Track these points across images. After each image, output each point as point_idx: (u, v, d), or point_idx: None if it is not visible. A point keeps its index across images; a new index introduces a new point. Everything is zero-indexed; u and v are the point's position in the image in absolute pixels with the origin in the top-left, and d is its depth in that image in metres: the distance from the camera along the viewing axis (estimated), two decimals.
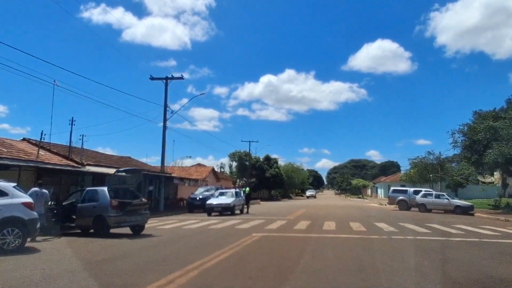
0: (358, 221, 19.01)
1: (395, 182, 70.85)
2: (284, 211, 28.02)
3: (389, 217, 22.60)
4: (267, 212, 27.15)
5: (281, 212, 26.79)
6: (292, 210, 30.06)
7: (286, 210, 29.55)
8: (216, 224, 17.19)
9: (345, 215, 23.85)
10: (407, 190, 33.30)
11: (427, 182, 43.79)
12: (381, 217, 22.48)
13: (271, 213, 26.34)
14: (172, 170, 49.50)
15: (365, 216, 23.28)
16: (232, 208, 23.76)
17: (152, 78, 29.83)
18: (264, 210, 30.06)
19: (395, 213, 27.37)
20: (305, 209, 31.44)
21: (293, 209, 30.95)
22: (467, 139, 31.26)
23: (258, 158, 77.44)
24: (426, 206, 29.89)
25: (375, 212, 29.19)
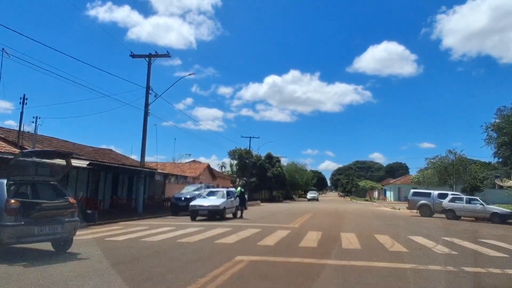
0: (385, 232, 14.32)
1: (405, 184, 66.06)
2: (287, 216, 23.37)
3: (419, 227, 17.89)
4: (266, 217, 22.49)
5: (282, 217, 22.15)
6: (296, 214, 25.39)
7: (289, 215, 24.88)
8: (192, 234, 12.51)
9: (363, 223, 19.15)
10: (430, 193, 28.51)
11: (447, 184, 38.96)
12: (410, 227, 17.79)
13: (271, 218, 21.70)
14: (164, 167, 45.00)
15: (390, 225, 18.58)
16: (222, 211, 19.10)
17: (133, 56, 25.22)
18: (262, 214, 25.40)
19: (421, 221, 22.64)
20: (311, 213, 26.73)
21: (297, 213, 26.27)
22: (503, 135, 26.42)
23: (260, 156, 72.81)
24: (455, 212, 25.12)
25: (396, 218, 24.48)
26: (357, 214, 28.30)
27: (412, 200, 28.87)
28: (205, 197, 20.56)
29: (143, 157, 24.58)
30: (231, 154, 70.90)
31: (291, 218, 21.41)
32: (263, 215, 24.51)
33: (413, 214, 29.62)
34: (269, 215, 24.03)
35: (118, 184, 26.17)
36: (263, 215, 24.00)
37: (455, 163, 39.13)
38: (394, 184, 69.72)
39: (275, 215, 24.71)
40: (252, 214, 25.12)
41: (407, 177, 69.63)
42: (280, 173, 73.21)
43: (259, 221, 18.89)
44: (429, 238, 12.91)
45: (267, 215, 24.59)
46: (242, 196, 22.81)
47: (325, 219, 20.93)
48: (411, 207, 29.04)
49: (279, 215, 24.75)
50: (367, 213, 29.67)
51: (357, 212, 30.67)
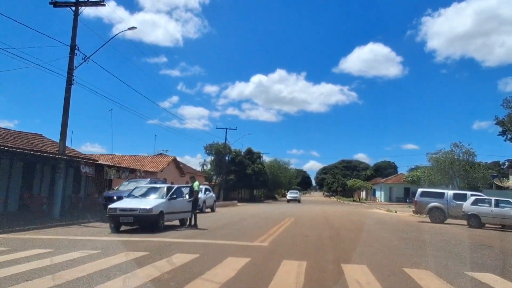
0: (418, 262, 8.08)
1: (398, 184, 60.58)
2: (258, 224, 17.03)
3: (458, 246, 11.70)
4: (229, 225, 16.13)
5: (251, 226, 15.81)
6: (272, 220, 19.06)
7: (262, 221, 18.54)
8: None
9: (369, 238, 12.82)
10: (443, 194, 22.52)
11: (451, 184, 33.18)
12: (444, 245, 11.55)
13: (234, 227, 15.34)
14: (121, 160, 38.34)
15: (410, 242, 12.29)
16: (155, 218, 12.59)
17: (55, 4, 18.52)
18: (227, 220, 19.03)
19: (443, 231, 16.59)
20: (292, 219, 20.44)
21: (274, 219, 19.96)
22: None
23: (239, 151, 66.36)
24: (480, 218, 19.20)
25: (405, 227, 18.35)
26: (351, 220, 22.13)
27: (421, 202, 22.84)
28: (136, 197, 14.03)
29: (63, 140, 17.84)
30: (207, 149, 64.15)
31: (263, 227, 15.04)
32: (228, 221, 18.12)
33: (420, 219, 23.66)
34: (235, 222, 17.64)
35: (33, 179, 19.48)
36: (227, 222, 17.61)
37: (462, 159, 33.38)
38: (385, 183, 64.13)
39: (243, 221, 18.33)
40: (214, 220, 18.75)
41: (399, 176, 64.19)
42: (261, 170, 66.94)
43: (213, 234, 12.54)
44: (496, 272, 6.80)
45: (233, 221, 18.20)
46: (196, 195, 16.18)
47: (311, 230, 14.60)
48: (420, 210, 23.02)
49: (248, 221, 18.36)
50: (363, 218, 23.55)
51: (351, 217, 24.53)
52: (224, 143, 63.95)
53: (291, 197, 57.98)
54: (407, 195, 58.72)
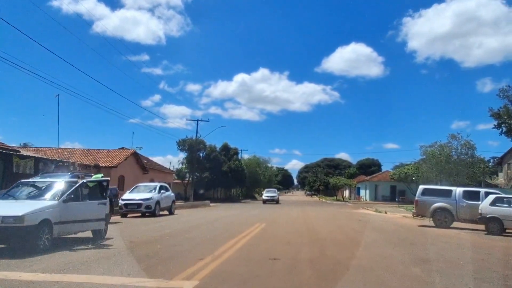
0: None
1: (384, 182, 56.73)
2: (211, 234, 12.24)
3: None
4: (169, 237, 11.37)
5: (200, 238, 11.04)
6: (236, 228, 14.33)
7: (220, 230, 13.76)
8: None
9: (373, 260, 8.13)
10: (451, 191, 18.20)
11: (449, 181, 29.06)
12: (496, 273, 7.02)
13: (175, 241, 10.52)
14: (72, 154, 33.22)
15: (434, 265, 7.66)
16: (31, 231, 7.67)
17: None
18: (175, 227, 14.28)
19: (461, 241, 12.16)
20: (264, 224, 15.85)
21: (239, 225, 15.31)
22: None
23: (214, 147, 61.40)
24: (503, 222, 14.94)
25: (414, 236, 13.79)
26: (338, 225, 17.60)
27: (423, 201, 18.46)
28: (12, 199, 9.11)
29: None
30: (180, 144, 58.83)
31: (215, 241, 10.25)
32: (174, 230, 13.34)
33: (420, 222, 19.38)
34: (181, 232, 12.75)
35: None
36: (171, 231, 12.78)
37: (460, 151, 29.34)
38: (370, 181, 60.18)
39: (194, 230, 13.45)
40: (157, 227, 13.99)
41: (385, 173, 60.37)
42: (238, 167, 62.21)
43: (124, 257, 7.84)
44: None
45: (180, 230, 13.36)
46: (102, 191, 10.80)
47: (283, 246, 9.83)
48: (421, 211, 18.68)
49: (201, 230, 13.48)
50: (353, 223, 19.07)
51: (337, 221, 20.09)
52: (198, 138, 59.13)
53: (267, 197, 47.77)
54: (394, 194, 54.94)
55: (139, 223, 15.95)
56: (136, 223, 15.86)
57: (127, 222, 16.81)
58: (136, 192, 21.65)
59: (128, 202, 20.25)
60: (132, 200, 20.36)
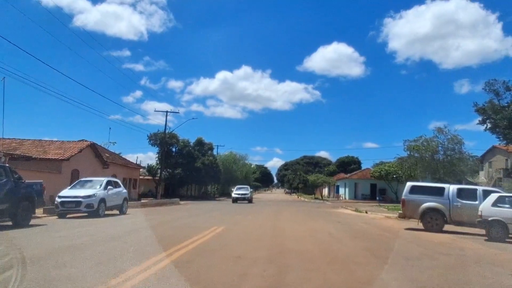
0: None
1: (364, 179, 54.55)
2: (138, 245, 9.15)
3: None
4: (75, 250, 8.24)
5: (107, 255, 7.85)
6: (181, 234, 11.19)
7: (157, 236, 10.53)
8: None
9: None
10: (443, 189, 15.62)
11: (435, 178, 26.72)
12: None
13: (69, 257, 7.38)
14: (21, 145, 29.75)
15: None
16: None
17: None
18: (107, 232, 11.32)
19: (464, 251, 9.46)
20: (222, 227, 12.89)
21: (188, 230, 12.32)
22: None
23: (187, 141, 58.24)
24: (508, 227, 12.39)
25: (405, 245, 10.91)
26: (314, 230, 14.76)
27: (410, 201, 15.83)
28: None
29: None
30: (151, 139, 55.22)
31: (113, 268, 7.17)
32: (79, 243, 9.97)
33: (406, 224, 16.78)
34: (87, 246, 9.15)
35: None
36: (69, 247, 9.37)
37: (447, 146, 27.00)
38: (349, 179, 57.89)
39: (105, 244, 9.97)
40: (71, 236, 10.85)
41: (365, 171, 58.19)
42: (212, 163, 59.10)
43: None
44: None
45: (87, 244, 9.82)
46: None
47: (224, 276, 6.64)
48: (409, 212, 16.04)
49: (114, 243, 9.91)
50: (331, 227, 16.28)
51: (312, 224, 17.32)
52: (170, 132, 55.77)
53: (238, 195, 39.86)
54: (374, 192, 52.80)
55: (58, 227, 12.75)
56: (55, 227, 12.63)
57: (51, 224, 13.56)
58: (78, 188, 18.27)
59: (66, 200, 16.86)
60: (70, 197, 17.01)
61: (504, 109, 35.72)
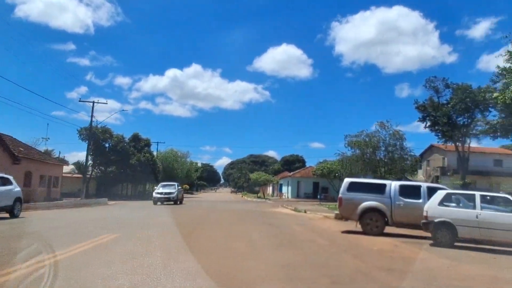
0: None
1: (306, 178, 53.28)
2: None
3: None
4: None
5: None
6: (41, 249, 8.24)
7: None
8: None
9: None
10: (384, 186, 13.73)
11: (375, 175, 25.33)
12: None
13: None
14: None
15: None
16: None
17: None
18: None
19: (409, 260, 7.30)
20: (116, 235, 10.03)
21: (66, 240, 9.36)
22: None
23: (121, 137, 53.89)
24: (457, 230, 10.59)
25: (339, 253, 8.71)
26: (234, 243, 12.29)
27: (348, 199, 13.79)
28: None
29: None
30: (81, 133, 50.27)
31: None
32: None
33: (344, 226, 14.78)
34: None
35: None
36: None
37: (388, 142, 25.71)
38: (292, 177, 56.44)
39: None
40: None
41: (307, 169, 57.06)
42: (149, 160, 55.17)
43: None
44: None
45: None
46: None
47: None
48: (346, 212, 14.02)
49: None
50: (255, 233, 13.87)
51: (238, 232, 14.83)
52: (103, 126, 51.31)
53: (159, 196, 31.19)
54: (317, 191, 51.65)
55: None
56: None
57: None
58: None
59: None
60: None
61: (443, 106, 35.59)
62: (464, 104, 32.86)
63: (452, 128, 33.75)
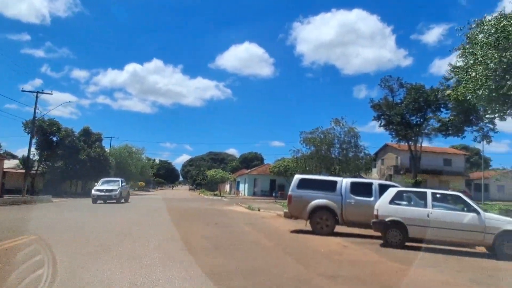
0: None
1: (264, 175, 52.76)
2: None
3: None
4: None
5: None
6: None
7: None
8: None
9: None
10: (335, 183, 13.09)
11: (330, 172, 24.97)
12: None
13: None
14: None
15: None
16: None
17: None
18: None
19: (354, 262, 6.57)
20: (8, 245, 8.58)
21: None
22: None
23: (70, 131, 50.91)
24: (408, 229, 10.08)
25: (283, 257, 7.89)
26: (171, 250, 11.20)
27: (298, 197, 13.07)
28: None
29: None
30: (27, 126, 46.84)
31: None
32: None
33: (296, 225, 14.04)
34: None
35: None
36: None
37: (343, 139, 25.41)
38: (249, 174, 55.74)
39: None
40: None
41: (264, 167, 56.57)
42: (100, 155, 52.51)
43: None
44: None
45: None
46: None
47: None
48: (295, 211, 13.24)
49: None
50: (197, 238, 12.87)
51: (181, 234, 13.74)
52: (51, 119, 48.15)
53: (99, 193, 27.40)
54: (273, 188, 51.23)
55: None
56: None
57: None
58: None
59: None
60: None
61: (397, 106, 36.02)
62: (417, 104, 33.39)
63: (405, 127, 34.24)
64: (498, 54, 10.70)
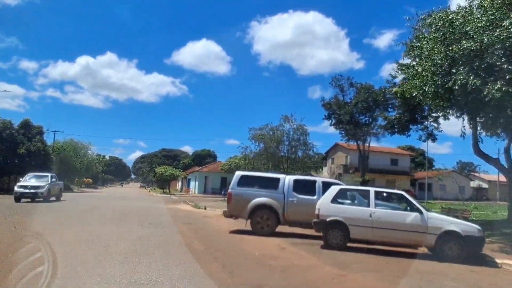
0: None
1: (214, 172, 51.66)
2: None
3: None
4: None
5: None
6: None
7: None
8: None
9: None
10: (277, 180, 12.34)
11: (279, 169, 24.39)
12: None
13: None
14: None
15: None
16: None
17: None
18: None
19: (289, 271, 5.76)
20: None
21: None
22: None
23: (8, 123, 47.19)
24: (350, 230, 9.49)
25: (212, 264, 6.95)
26: None
27: (238, 195, 12.22)
28: None
29: None
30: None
31: None
32: None
33: (237, 225, 13.13)
34: None
35: None
36: None
37: (292, 136, 24.90)
38: (200, 172, 54.40)
39: None
40: None
41: (216, 164, 55.43)
42: (40, 150, 49.05)
43: None
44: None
45: None
46: None
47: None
48: (235, 210, 12.34)
49: None
50: (122, 242, 11.67)
51: (107, 241, 12.43)
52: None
53: (23, 190, 22.90)
54: (224, 186, 50.24)
55: None
56: None
57: None
58: None
59: None
60: None
61: (347, 105, 36.21)
62: (366, 104, 33.70)
63: (354, 127, 34.53)
64: (444, 48, 10.37)
